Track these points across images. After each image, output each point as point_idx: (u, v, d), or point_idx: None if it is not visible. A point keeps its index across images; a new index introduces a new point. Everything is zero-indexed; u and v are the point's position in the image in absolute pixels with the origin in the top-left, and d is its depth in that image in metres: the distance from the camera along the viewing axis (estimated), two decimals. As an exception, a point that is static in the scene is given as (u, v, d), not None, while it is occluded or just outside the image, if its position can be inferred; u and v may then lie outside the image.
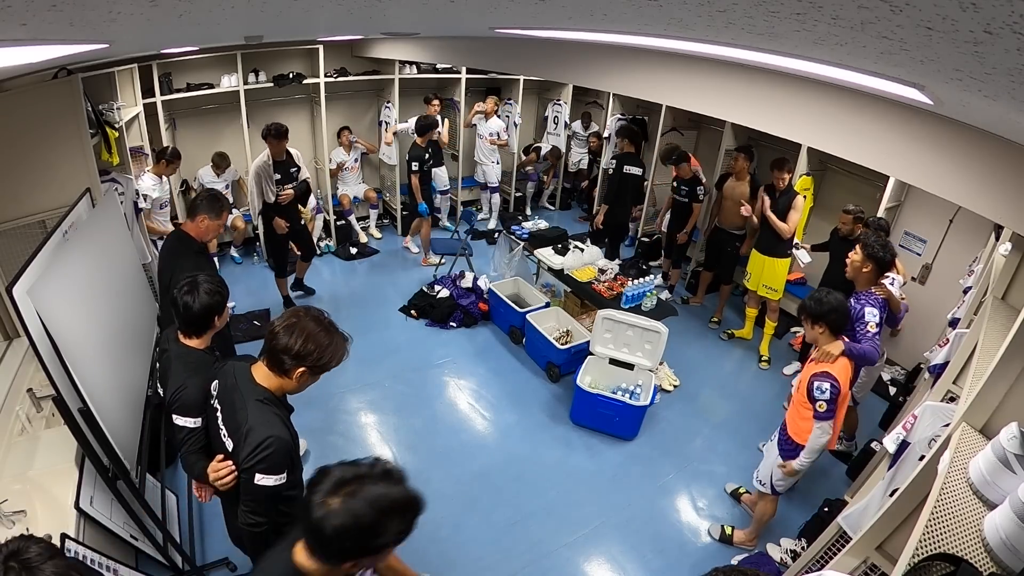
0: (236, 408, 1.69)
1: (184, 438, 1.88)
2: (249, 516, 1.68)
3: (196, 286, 1.96)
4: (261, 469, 1.61)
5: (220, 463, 1.74)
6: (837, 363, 2.56)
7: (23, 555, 1.15)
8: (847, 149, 2.20)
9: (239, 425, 1.66)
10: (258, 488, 1.62)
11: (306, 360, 1.63)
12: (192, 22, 1.45)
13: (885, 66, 1.12)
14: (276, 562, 1.29)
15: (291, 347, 1.61)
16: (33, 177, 2.85)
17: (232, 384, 1.73)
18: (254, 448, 1.60)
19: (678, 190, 5.11)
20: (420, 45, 4.76)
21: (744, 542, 3.10)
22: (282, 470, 1.65)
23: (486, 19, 1.82)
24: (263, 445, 1.60)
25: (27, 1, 0.79)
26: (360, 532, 1.15)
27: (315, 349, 1.62)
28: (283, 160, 4.41)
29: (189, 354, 1.98)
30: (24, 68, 2.36)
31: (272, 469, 1.62)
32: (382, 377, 4.29)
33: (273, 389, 1.70)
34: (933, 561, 1.18)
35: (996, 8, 0.52)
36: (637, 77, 2.87)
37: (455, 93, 6.60)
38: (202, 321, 1.97)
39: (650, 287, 4.25)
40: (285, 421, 1.72)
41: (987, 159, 1.79)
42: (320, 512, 1.14)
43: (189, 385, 1.87)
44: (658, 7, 1.01)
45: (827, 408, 2.52)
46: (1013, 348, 1.60)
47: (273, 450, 1.61)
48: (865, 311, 2.81)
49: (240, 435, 1.65)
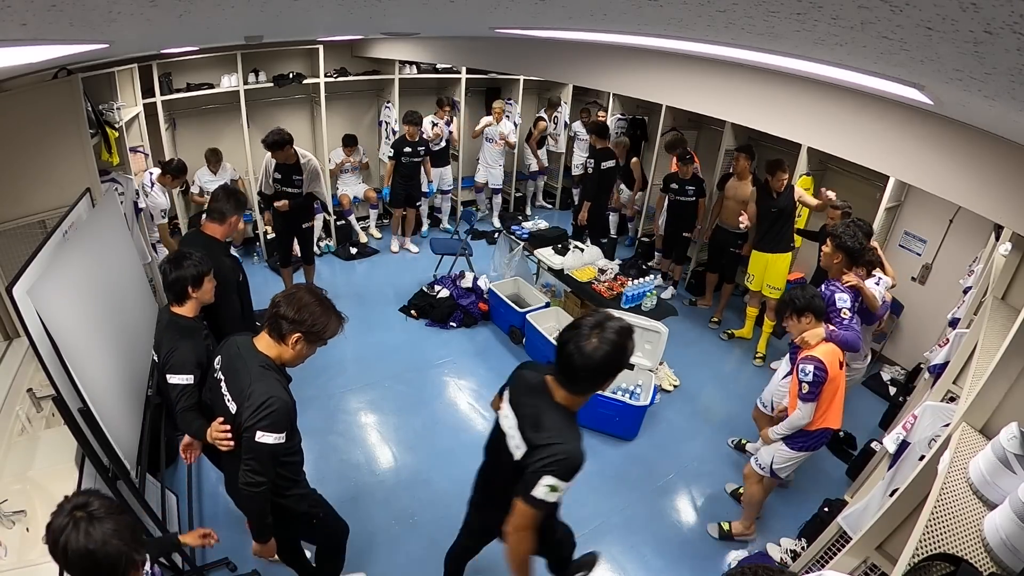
0: (240, 373, 1.81)
1: (178, 395, 2.07)
2: (249, 475, 1.76)
3: (179, 259, 2.23)
4: (263, 427, 1.71)
5: (221, 425, 1.86)
6: (822, 347, 2.64)
7: (89, 507, 1.26)
8: (847, 149, 2.20)
9: (242, 388, 1.78)
10: (259, 446, 1.72)
11: (302, 326, 1.77)
12: (192, 22, 1.45)
13: (885, 66, 1.12)
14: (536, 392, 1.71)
15: (288, 313, 1.77)
16: (33, 177, 2.85)
17: (236, 353, 1.87)
18: (257, 407, 1.72)
19: (682, 191, 5.09)
20: (420, 45, 4.76)
21: (742, 532, 3.13)
22: (282, 429, 1.75)
23: (486, 19, 1.82)
24: (265, 404, 1.72)
25: (27, 1, 0.79)
26: (619, 355, 1.55)
27: (309, 317, 1.78)
28: (288, 164, 4.32)
29: (179, 320, 2.23)
30: (24, 68, 2.36)
31: (272, 427, 1.72)
32: (382, 377, 4.29)
33: (274, 357, 1.83)
34: (933, 561, 1.18)
35: (996, 8, 0.52)
36: (637, 77, 2.87)
37: (455, 93, 6.60)
38: (178, 288, 2.22)
39: (650, 287, 4.25)
40: (285, 386, 1.83)
41: (987, 159, 1.79)
42: (588, 349, 1.52)
43: (180, 346, 2.10)
44: (658, 7, 1.01)
45: (809, 390, 2.59)
46: (1013, 348, 1.60)
47: (274, 409, 1.72)
48: (835, 297, 2.86)
49: (243, 396, 1.76)
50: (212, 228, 2.91)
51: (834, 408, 2.70)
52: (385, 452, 3.61)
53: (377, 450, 3.63)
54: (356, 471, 3.41)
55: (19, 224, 2.78)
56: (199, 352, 2.16)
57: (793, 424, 2.71)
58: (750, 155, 4.65)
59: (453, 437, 3.77)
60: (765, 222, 4.38)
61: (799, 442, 2.74)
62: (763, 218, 4.38)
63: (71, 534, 1.26)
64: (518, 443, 1.72)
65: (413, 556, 2.93)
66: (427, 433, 3.79)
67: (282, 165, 4.31)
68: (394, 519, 3.12)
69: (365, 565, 2.86)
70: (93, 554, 1.26)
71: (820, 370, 2.57)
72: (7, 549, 1.87)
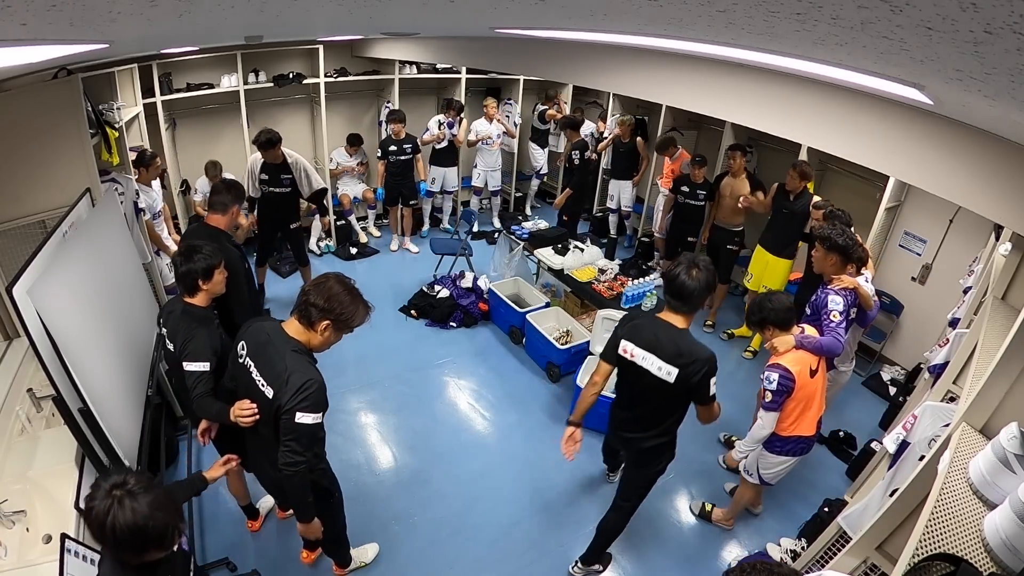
0: (274, 359, 1.89)
1: (195, 382, 2.13)
2: (289, 456, 1.85)
3: (190, 252, 2.26)
4: (303, 408, 1.81)
5: (246, 403, 1.97)
6: (791, 355, 2.60)
7: (127, 485, 1.35)
8: (847, 149, 2.20)
9: (279, 373, 1.85)
10: (299, 427, 1.82)
11: (331, 314, 1.86)
12: (192, 22, 1.45)
13: (885, 66, 1.12)
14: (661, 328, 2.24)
15: (318, 302, 1.85)
16: (33, 177, 2.84)
17: (266, 339, 1.94)
18: (297, 389, 1.81)
19: (693, 194, 5.03)
20: (420, 45, 4.76)
21: (721, 520, 3.17)
22: (319, 410, 1.86)
23: (486, 19, 1.82)
24: (304, 386, 1.81)
25: (27, 1, 0.79)
26: (713, 279, 2.17)
27: (338, 306, 1.87)
28: (276, 164, 4.39)
29: (192, 309, 2.27)
30: (24, 68, 2.35)
31: (312, 408, 1.84)
32: (382, 377, 4.29)
33: (304, 342, 1.93)
34: (933, 561, 1.18)
35: (996, 8, 0.52)
36: (637, 77, 2.87)
37: (455, 93, 6.60)
38: (188, 280, 2.25)
39: (650, 287, 4.25)
40: (316, 368, 1.92)
41: (987, 159, 1.79)
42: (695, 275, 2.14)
43: (196, 335, 2.16)
44: (658, 7, 1.01)
45: (772, 399, 2.56)
46: (1013, 348, 1.60)
47: (314, 390, 1.83)
48: (828, 298, 2.81)
49: (281, 381, 1.84)
50: (216, 219, 3.01)
51: (808, 417, 2.65)
52: (385, 452, 3.62)
53: (377, 450, 3.63)
54: (356, 471, 3.41)
55: (19, 224, 2.78)
56: (214, 340, 2.23)
57: (755, 436, 2.68)
58: (743, 152, 4.66)
59: (453, 437, 3.77)
60: (776, 221, 4.39)
61: (776, 446, 2.71)
62: (775, 217, 4.40)
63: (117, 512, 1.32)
64: (668, 370, 2.19)
65: (413, 556, 2.93)
66: (427, 433, 3.79)
67: (269, 165, 4.36)
68: (394, 519, 3.12)
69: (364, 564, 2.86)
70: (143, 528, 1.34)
71: (786, 379, 2.52)
72: (7, 549, 1.86)
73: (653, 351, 2.23)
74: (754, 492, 3.00)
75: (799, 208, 4.18)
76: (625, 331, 2.34)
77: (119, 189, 3.60)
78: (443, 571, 2.87)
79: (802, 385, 2.56)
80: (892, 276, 4.60)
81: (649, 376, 2.25)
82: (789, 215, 4.25)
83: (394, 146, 5.63)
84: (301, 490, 1.98)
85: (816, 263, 3.06)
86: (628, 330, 2.33)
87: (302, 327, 1.92)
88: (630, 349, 2.30)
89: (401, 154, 5.68)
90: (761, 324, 2.71)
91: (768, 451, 2.74)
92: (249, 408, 1.96)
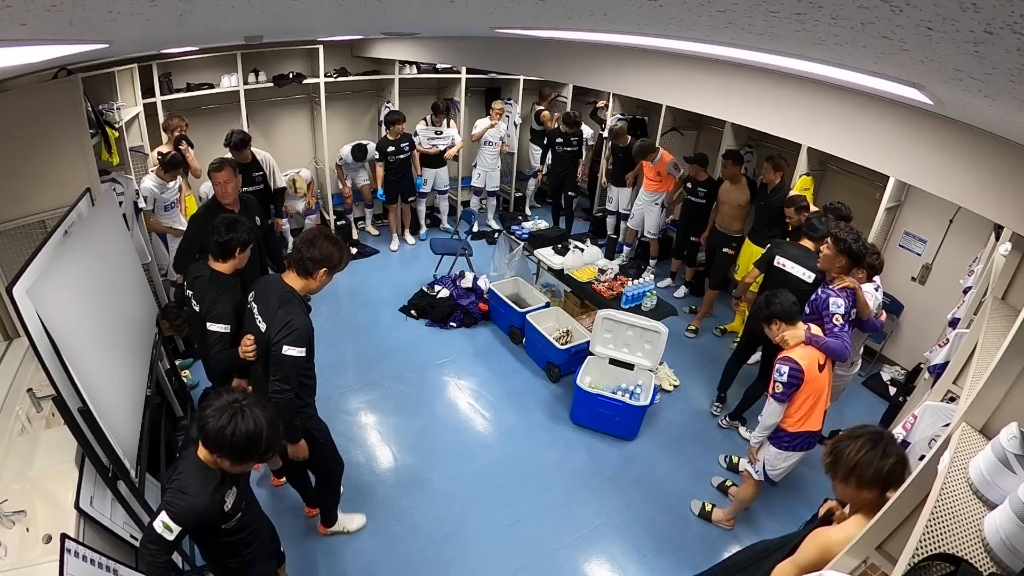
0: (270, 301, 2.27)
1: (215, 341, 2.41)
2: (277, 384, 2.17)
3: (235, 223, 2.57)
4: (288, 342, 2.15)
5: (250, 338, 2.32)
6: (800, 349, 2.65)
7: (243, 400, 1.64)
8: (847, 149, 2.20)
9: (272, 312, 2.23)
10: (284, 358, 2.16)
11: (324, 263, 2.26)
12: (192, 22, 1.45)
13: (885, 66, 1.12)
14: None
15: (314, 255, 2.24)
16: (33, 177, 2.84)
17: (267, 286, 2.36)
18: (282, 326, 2.16)
19: (694, 191, 5.08)
20: (420, 45, 4.76)
21: (721, 520, 3.18)
22: (302, 345, 2.19)
23: (486, 19, 1.82)
24: (289, 324, 2.17)
25: (27, 1, 0.79)
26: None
27: (329, 256, 2.26)
28: (247, 164, 4.44)
29: (220, 276, 2.55)
30: (24, 68, 2.35)
31: (295, 342, 2.17)
32: (382, 377, 4.29)
33: (299, 289, 2.30)
34: (933, 561, 1.18)
35: (996, 8, 0.52)
36: (637, 77, 2.87)
37: (455, 93, 6.60)
38: (228, 247, 2.54)
39: (650, 287, 4.25)
40: (305, 313, 2.29)
41: (987, 159, 1.79)
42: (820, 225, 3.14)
43: (221, 299, 2.44)
44: (658, 7, 1.01)
45: (783, 391, 2.60)
46: (1013, 348, 1.60)
47: (296, 327, 2.17)
48: (829, 301, 2.84)
49: (272, 318, 2.22)
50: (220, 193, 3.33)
51: (816, 412, 2.69)
52: (385, 452, 3.62)
53: (377, 450, 3.63)
54: (356, 471, 3.41)
55: (19, 224, 2.78)
56: (237, 306, 2.49)
57: (765, 424, 2.72)
58: (736, 160, 4.65)
59: (453, 437, 3.77)
60: (758, 215, 4.55)
61: (784, 441, 2.74)
62: (756, 210, 4.56)
63: (239, 422, 1.57)
64: (807, 274, 3.37)
65: (413, 556, 2.93)
66: (427, 433, 3.79)
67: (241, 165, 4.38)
68: (394, 519, 3.12)
69: (365, 564, 2.87)
70: (259, 435, 1.58)
71: (796, 371, 2.57)
72: (7, 549, 1.86)
73: (797, 262, 3.34)
74: (755, 491, 3.01)
75: (775, 201, 4.31)
76: (776, 250, 3.50)
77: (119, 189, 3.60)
78: (443, 571, 2.87)
79: (811, 379, 2.60)
80: (892, 276, 4.59)
81: (792, 278, 3.33)
82: (765, 208, 4.41)
83: (392, 147, 5.67)
84: (288, 412, 2.22)
85: (824, 260, 3.07)
86: (778, 249, 3.50)
87: (300, 278, 2.29)
88: (781, 261, 3.43)
89: (399, 153, 5.73)
90: (768, 320, 2.77)
91: (776, 447, 2.76)
92: (251, 342, 2.31)
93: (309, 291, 2.32)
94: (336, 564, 2.86)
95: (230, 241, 2.53)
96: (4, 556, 1.85)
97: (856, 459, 1.69)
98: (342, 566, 2.85)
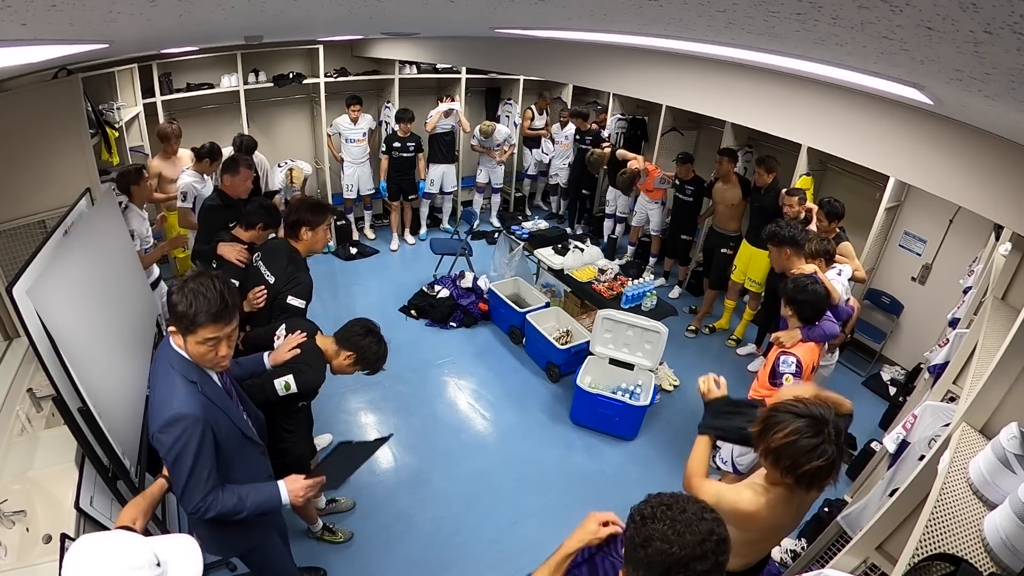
0: (277, 257, 2.70)
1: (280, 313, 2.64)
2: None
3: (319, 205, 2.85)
4: (293, 293, 2.60)
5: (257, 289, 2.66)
6: (800, 348, 2.65)
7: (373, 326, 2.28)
8: (847, 149, 2.20)
9: (282, 267, 2.65)
10: (289, 307, 2.58)
11: (308, 224, 2.67)
12: (192, 22, 1.45)
13: (885, 66, 1.12)
14: None
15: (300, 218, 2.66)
16: (33, 177, 2.85)
17: (275, 247, 2.78)
18: (289, 279, 2.61)
19: (682, 188, 5.13)
20: (420, 45, 4.76)
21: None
22: (303, 298, 2.62)
23: (486, 19, 1.82)
24: (296, 279, 2.62)
25: (27, 1, 0.79)
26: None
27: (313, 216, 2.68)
28: None
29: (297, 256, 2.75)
30: (24, 68, 2.36)
31: (298, 294, 2.61)
32: (382, 377, 4.22)
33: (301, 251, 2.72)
34: (933, 561, 1.18)
35: (996, 8, 0.52)
36: (637, 77, 2.87)
37: (455, 93, 6.60)
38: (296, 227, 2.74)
39: (650, 287, 4.25)
40: (307, 271, 2.72)
41: (987, 159, 1.79)
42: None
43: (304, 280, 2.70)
44: (658, 7, 1.01)
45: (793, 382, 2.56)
46: (1013, 348, 1.60)
47: (301, 283, 2.63)
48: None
49: (282, 272, 2.64)
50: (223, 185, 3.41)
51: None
52: (385, 452, 3.61)
53: (377, 450, 3.63)
54: (356, 471, 3.40)
55: (19, 224, 2.78)
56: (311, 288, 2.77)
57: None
58: (732, 158, 4.66)
59: (453, 437, 3.77)
60: (753, 215, 4.53)
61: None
62: (752, 211, 4.55)
63: (377, 344, 2.29)
64: None
65: (412, 556, 2.93)
66: (427, 433, 3.79)
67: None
68: (394, 519, 3.12)
69: (365, 564, 2.87)
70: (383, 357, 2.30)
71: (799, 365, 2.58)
72: (7, 549, 1.86)
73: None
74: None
75: (768, 201, 4.31)
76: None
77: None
78: (443, 571, 2.87)
79: (806, 379, 2.59)
80: (892, 276, 4.60)
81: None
82: (760, 208, 4.40)
83: (398, 143, 5.73)
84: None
85: (774, 263, 3.17)
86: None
87: (295, 241, 2.69)
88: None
89: (404, 151, 5.77)
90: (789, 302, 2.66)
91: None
92: (262, 291, 2.64)
93: (308, 250, 2.72)
94: (336, 564, 2.85)
95: (298, 222, 2.73)
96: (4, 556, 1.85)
97: (780, 443, 1.49)
98: (342, 566, 2.85)
